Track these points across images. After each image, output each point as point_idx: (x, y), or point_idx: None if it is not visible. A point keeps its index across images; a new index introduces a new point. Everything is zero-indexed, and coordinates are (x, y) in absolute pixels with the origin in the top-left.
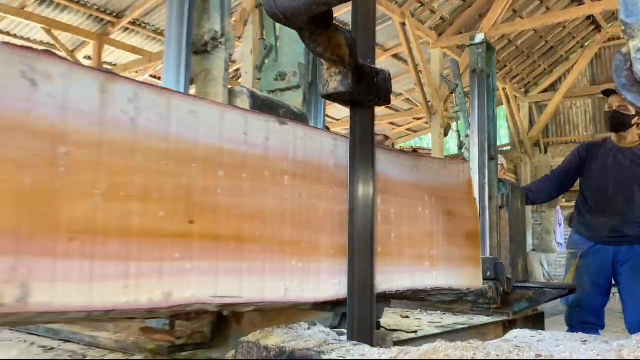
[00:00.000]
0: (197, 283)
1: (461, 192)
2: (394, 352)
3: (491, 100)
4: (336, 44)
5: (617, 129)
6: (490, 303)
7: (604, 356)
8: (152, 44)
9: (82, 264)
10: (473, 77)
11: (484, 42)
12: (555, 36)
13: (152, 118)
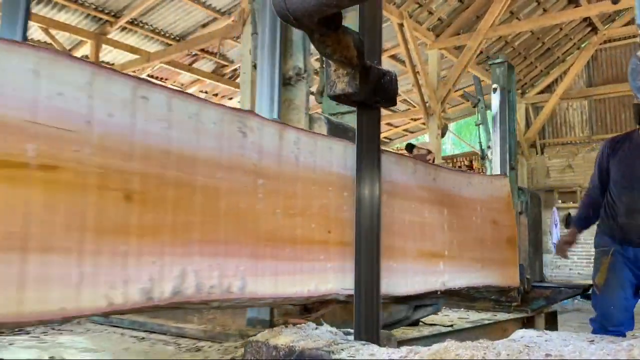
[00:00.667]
0: (334, 278)
1: (503, 204)
2: (402, 351)
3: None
4: (344, 46)
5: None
6: (512, 301)
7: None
8: (150, 43)
9: (271, 263)
10: (495, 94)
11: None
12: (552, 38)
13: (307, 155)
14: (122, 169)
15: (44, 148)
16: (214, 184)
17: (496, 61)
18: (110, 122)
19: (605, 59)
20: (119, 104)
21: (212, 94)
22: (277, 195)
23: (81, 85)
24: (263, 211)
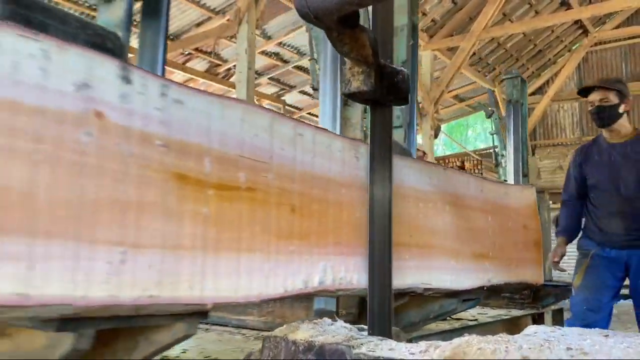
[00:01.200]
0: (412, 275)
1: (531, 210)
2: (422, 346)
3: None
4: (361, 44)
5: (607, 123)
6: (524, 298)
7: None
8: None
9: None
10: (509, 106)
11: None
12: (544, 40)
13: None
14: (289, 189)
15: (248, 175)
16: (339, 199)
17: (509, 76)
18: (282, 154)
19: (596, 61)
20: (286, 140)
21: None
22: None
23: (265, 128)
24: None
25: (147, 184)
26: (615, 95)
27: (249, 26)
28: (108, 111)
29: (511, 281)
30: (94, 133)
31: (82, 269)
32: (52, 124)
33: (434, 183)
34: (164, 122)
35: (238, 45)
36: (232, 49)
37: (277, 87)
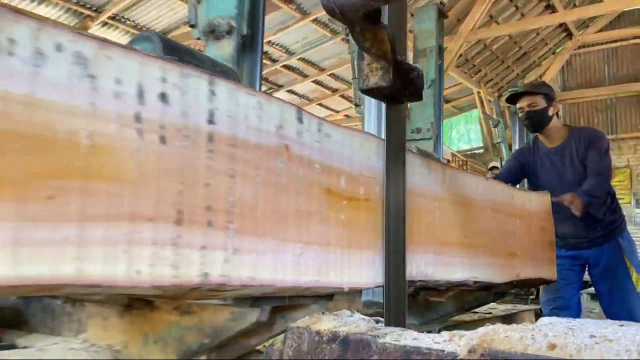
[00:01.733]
0: (466, 270)
1: (547, 214)
2: (445, 336)
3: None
4: (380, 40)
5: (540, 127)
6: (529, 294)
7: None
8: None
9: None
10: (514, 117)
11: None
12: (529, 42)
13: (452, 183)
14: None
15: (365, 189)
16: (418, 206)
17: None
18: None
19: (579, 63)
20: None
21: None
22: (442, 213)
23: (374, 151)
24: (439, 224)
25: (311, 197)
26: (542, 99)
27: None
28: (291, 144)
29: (532, 277)
30: (284, 161)
31: (280, 260)
32: (264, 155)
33: (479, 192)
34: (320, 151)
35: None
36: None
37: (265, 86)
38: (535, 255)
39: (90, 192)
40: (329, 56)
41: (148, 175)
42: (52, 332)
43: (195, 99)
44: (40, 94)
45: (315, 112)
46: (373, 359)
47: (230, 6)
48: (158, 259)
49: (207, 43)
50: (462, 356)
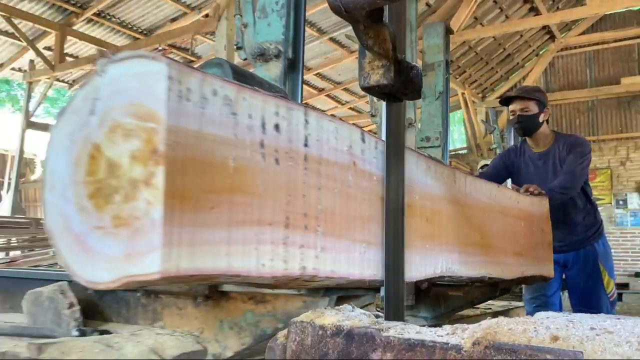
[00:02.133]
0: (482, 267)
1: (545, 217)
2: (447, 329)
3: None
4: (383, 38)
5: (529, 132)
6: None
7: None
8: (116, 36)
9: (467, 258)
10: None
11: None
12: (513, 44)
13: (472, 190)
14: (425, 206)
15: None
16: (447, 213)
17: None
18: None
19: (562, 65)
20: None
21: None
22: (465, 217)
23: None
24: (463, 227)
25: (371, 204)
26: (535, 104)
27: (228, 22)
28: (357, 161)
29: (534, 274)
30: (353, 175)
31: (351, 257)
32: (340, 170)
33: (492, 197)
34: (377, 165)
35: (217, 41)
36: (206, 46)
37: None
38: (536, 255)
39: (234, 203)
40: (315, 55)
41: (268, 190)
42: (127, 321)
43: (296, 127)
44: (205, 129)
45: None
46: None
47: (277, 32)
48: (275, 255)
49: (255, 64)
50: (467, 348)
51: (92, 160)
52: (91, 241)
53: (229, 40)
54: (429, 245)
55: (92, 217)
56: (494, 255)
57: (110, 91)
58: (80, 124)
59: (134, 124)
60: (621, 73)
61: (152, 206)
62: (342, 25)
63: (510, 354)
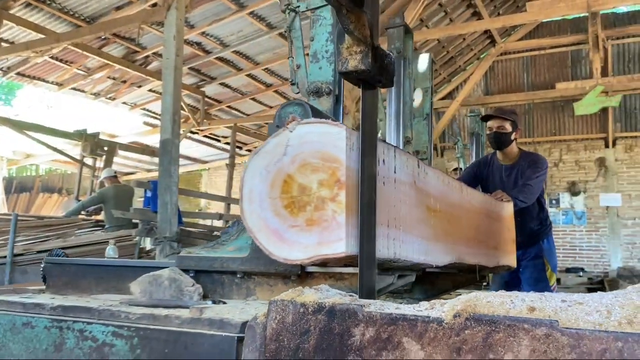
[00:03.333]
0: (480, 258)
1: (511, 217)
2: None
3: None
4: (362, 23)
5: (502, 147)
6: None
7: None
8: (56, 22)
9: (469, 250)
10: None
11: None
12: (456, 47)
13: (470, 197)
14: (448, 210)
15: (437, 204)
16: (457, 216)
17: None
18: (446, 192)
19: (501, 69)
20: (444, 186)
21: (121, 80)
22: (468, 219)
23: (445, 181)
24: (467, 226)
25: (421, 210)
26: (510, 124)
27: (178, 12)
28: (416, 180)
29: (503, 264)
30: (414, 191)
31: (415, 248)
32: (407, 188)
33: (480, 202)
34: (424, 182)
35: (166, 31)
36: (152, 36)
37: (197, 77)
38: (506, 248)
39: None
40: (264, 50)
41: (382, 203)
42: (223, 297)
43: (390, 160)
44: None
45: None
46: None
47: (327, 74)
48: (383, 244)
49: (310, 99)
50: (448, 320)
51: (285, 184)
52: (287, 235)
53: (179, 30)
54: (450, 239)
55: (288, 220)
56: (483, 248)
57: (299, 142)
58: (274, 161)
59: (320, 163)
60: (556, 78)
61: (338, 214)
62: None
63: (490, 325)
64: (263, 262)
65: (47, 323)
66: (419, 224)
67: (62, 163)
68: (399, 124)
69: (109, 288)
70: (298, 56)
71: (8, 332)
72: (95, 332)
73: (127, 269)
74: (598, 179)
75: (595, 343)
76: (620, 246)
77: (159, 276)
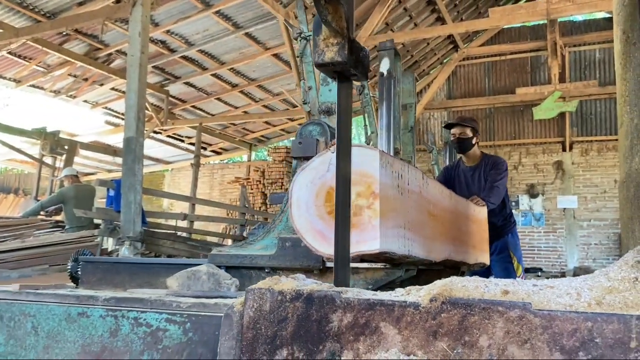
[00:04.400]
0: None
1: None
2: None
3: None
4: (339, 15)
5: (464, 151)
6: None
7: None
8: (15, 17)
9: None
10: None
11: None
12: (420, 51)
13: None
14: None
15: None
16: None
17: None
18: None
19: (463, 74)
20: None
21: (82, 78)
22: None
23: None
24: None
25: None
26: (470, 130)
27: (144, 8)
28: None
29: (481, 262)
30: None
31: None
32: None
33: (463, 207)
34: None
35: (131, 28)
36: (115, 33)
37: (161, 76)
38: (482, 248)
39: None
40: (230, 50)
41: (399, 208)
42: None
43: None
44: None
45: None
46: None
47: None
48: (401, 244)
49: (320, 117)
50: (424, 305)
51: (328, 194)
52: (330, 235)
53: (144, 27)
54: (443, 239)
55: (331, 223)
56: (465, 246)
57: None
58: (318, 175)
59: (358, 178)
60: (516, 83)
61: (373, 218)
62: (258, 21)
63: (466, 308)
64: (289, 259)
65: (102, 312)
66: (424, 226)
67: (19, 162)
68: (390, 137)
69: (142, 284)
70: (309, 79)
71: (63, 321)
72: (149, 319)
73: (160, 266)
74: (555, 181)
75: (567, 324)
76: (577, 247)
77: (197, 271)
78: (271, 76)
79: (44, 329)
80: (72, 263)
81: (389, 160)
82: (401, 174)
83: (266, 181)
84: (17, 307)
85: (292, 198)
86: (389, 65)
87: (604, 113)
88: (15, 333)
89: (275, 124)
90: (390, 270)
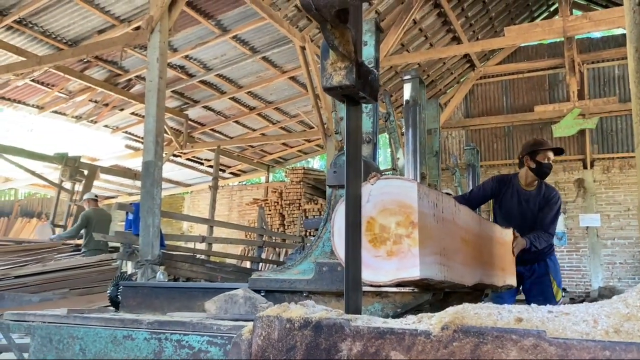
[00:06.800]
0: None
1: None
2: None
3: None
4: (346, 39)
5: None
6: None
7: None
8: (38, 46)
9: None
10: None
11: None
12: (436, 71)
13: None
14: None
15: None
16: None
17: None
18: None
19: (481, 93)
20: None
21: (103, 103)
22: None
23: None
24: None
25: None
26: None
27: (161, 35)
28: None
29: (509, 284)
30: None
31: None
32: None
33: (490, 230)
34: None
35: (149, 53)
36: (134, 59)
37: (181, 100)
38: (510, 270)
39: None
40: (247, 74)
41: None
42: None
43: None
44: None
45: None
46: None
47: (367, 126)
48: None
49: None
50: (436, 333)
51: (368, 224)
52: (371, 262)
53: (162, 53)
54: (475, 263)
55: (372, 251)
56: (495, 270)
57: (379, 192)
58: None
59: (397, 209)
60: (534, 101)
61: (412, 247)
62: (275, 45)
63: (478, 336)
64: (326, 283)
65: (147, 335)
66: (457, 252)
67: (42, 187)
68: (416, 161)
69: (180, 307)
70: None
71: (110, 343)
72: (191, 342)
73: (197, 290)
74: (577, 199)
75: (583, 352)
76: (601, 266)
77: (235, 295)
78: (288, 98)
79: (91, 350)
80: (112, 288)
81: (426, 191)
82: (436, 203)
83: (284, 202)
84: (65, 330)
85: (334, 227)
86: (414, 93)
87: (625, 130)
88: (64, 355)
89: (292, 145)
90: (418, 293)
